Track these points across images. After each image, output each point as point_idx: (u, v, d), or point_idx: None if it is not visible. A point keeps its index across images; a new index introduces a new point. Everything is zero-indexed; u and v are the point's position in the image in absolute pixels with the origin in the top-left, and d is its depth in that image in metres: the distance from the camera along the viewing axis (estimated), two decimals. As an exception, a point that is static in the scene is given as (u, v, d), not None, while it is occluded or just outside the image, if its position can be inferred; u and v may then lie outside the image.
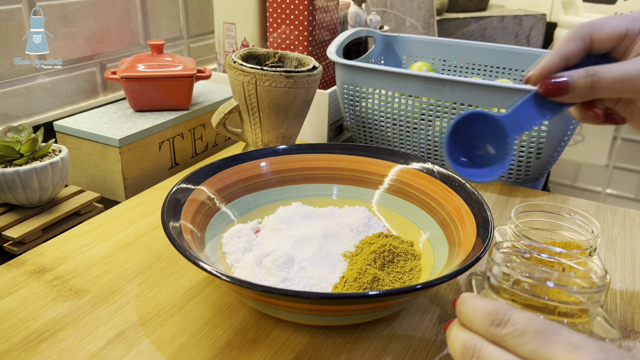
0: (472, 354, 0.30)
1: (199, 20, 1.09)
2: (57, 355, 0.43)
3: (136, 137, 0.72)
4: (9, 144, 0.60)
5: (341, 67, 0.81)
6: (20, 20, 0.76)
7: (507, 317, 0.30)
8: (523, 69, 0.88)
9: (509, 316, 0.30)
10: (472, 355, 0.30)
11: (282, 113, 0.69)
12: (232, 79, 0.69)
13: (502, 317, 0.30)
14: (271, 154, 0.64)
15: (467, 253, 0.46)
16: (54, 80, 0.83)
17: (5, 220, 0.61)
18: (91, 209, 0.67)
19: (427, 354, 0.44)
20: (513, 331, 0.29)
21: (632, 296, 0.52)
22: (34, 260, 0.55)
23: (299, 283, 0.49)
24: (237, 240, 0.55)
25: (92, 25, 0.87)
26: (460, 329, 0.32)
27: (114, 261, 0.55)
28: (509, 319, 0.30)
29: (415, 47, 0.97)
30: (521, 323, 0.29)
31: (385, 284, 0.48)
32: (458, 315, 0.33)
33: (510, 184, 0.76)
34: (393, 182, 0.62)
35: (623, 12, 1.77)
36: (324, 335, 0.46)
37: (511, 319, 0.30)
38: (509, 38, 1.86)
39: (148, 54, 0.81)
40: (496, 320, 0.30)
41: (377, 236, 0.56)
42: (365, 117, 0.82)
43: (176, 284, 0.52)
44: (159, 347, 0.44)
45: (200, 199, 0.55)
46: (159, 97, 0.79)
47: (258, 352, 0.44)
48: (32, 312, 0.47)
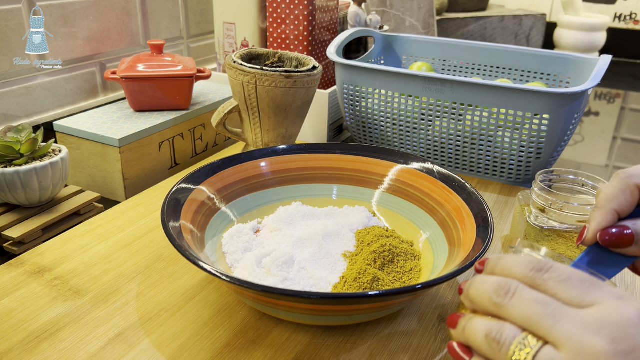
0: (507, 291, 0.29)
1: (199, 20, 1.09)
2: (57, 355, 0.43)
3: (136, 137, 0.72)
4: (9, 144, 0.60)
5: (341, 67, 0.81)
6: (20, 20, 0.76)
7: (550, 265, 0.29)
8: (523, 69, 0.88)
9: (551, 264, 0.29)
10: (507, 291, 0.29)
11: (282, 113, 0.69)
12: (232, 79, 0.69)
13: (544, 265, 0.29)
14: (271, 154, 0.64)
15: (467, 253, 0.46)
16: (54, 80, 0.83)
17: (5, 220, 0.61)
18: (91, 209, 0.67)
19: (427, 354, 0.44)
20: (557, 276, 0.28)
21: (632, 296, 0.52)
22: (34, 260, 0.55)
23: (299, 283, 0.49)
24: (237, 240, 0.55)
25: (92, 25, 0.87)
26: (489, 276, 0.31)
27: (114, 261, 0.55)
28: (552, 266, 0.29)
29: (415, 47, 0.97)
30: (565, 270, 0.29)
31: (385, 284, 0.48)
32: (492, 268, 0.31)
33: (510, 184, 0.76)
34: (393, 182, 0.62)
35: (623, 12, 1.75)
36: (324, 335, 0.46)
37: (554, 266, 0.29)
38: (509, 38, 1.86)
39: (148, 54, 0.81)
40: (537, 267, 0.29)
41: (377, 236, 0.56)
42: (365, 117, 0.82)
43: (176, 284, 0.52)
44: (159, 347, 0.44)
45: (200, 199, 0.55)
46: (159, 97, 0.79)
47: (258, 352, 0.44)
48: (32, 312, 0.47)
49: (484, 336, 0.29)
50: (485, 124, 0.73)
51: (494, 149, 0.74)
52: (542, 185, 0.54)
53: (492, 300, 0.29)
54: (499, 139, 0.73)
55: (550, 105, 0.68)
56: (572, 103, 0.68)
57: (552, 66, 0.86)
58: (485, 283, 0.30)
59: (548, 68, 0.86)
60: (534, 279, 0.29)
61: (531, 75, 0.88)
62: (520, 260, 0.30)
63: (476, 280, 0.31)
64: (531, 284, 0.29)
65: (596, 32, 1.86)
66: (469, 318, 0.31)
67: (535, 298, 0.28)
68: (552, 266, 0.29)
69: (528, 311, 0.28)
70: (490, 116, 0.72)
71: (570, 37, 1.89)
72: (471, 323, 0.30)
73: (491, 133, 0.73)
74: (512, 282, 0.29)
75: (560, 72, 0.85)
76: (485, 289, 0.30)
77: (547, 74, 0.87)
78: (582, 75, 0.82)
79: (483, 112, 0.72)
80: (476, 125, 0.73)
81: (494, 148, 0.74)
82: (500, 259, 0.31)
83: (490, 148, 0.74)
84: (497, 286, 0.29)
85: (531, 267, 0.29)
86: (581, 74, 0.82)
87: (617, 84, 1.67)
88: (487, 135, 0.73)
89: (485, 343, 0.29)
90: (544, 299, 0.28)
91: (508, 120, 0.71)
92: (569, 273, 0.28)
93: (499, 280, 0.30)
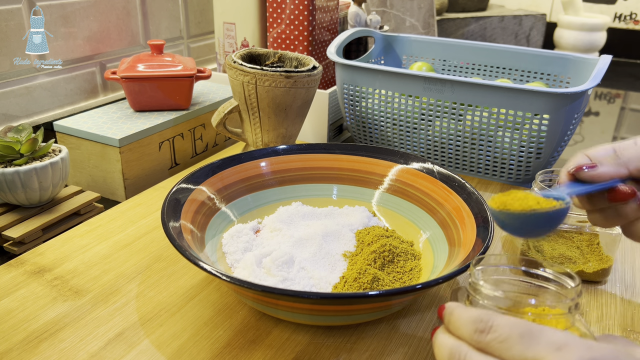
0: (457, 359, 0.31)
1: (199, 20, 1.09)
2: (57, 355, 0.43)
3: (136, 137, 0.72)
4: (9, 144, 0.60)
5: (341, 67, 0.81)
6: (20, 20, 0.76)
7: (491, 323, 0.30)
8: (523, 69, 0.88)
9: (492, 322, 0.31)
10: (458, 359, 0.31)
11: (282, 113, 0.69)
12: (232, 79, 0.69)
13: (486, 323, 0.31)
14: (271, 154, 0.64)
15: (467, 253, 0.46)
16: (54, 80, 0.83)
17: (5, 220, 0.61)
18: (91, 209, 0.67)
19: (427, 354, 0.44)
20: (497, 337, 0.30)
21: (632, 296, 0.52)
22: (34, 260, 0.55)
23: (299, 283, 0.49)
24: (237, 240, 0.55)
25: (92, 25, 0.87)
26: (446, 336, 0.33)
27: (114, 261, 0.55)
28: (492, 324, 0.30)
29: (415, 47, 0.97)
30: (505, 328, 0.30)
31: (385, 284, 0.48)
32: (445, 323, 0.34)
33: (510, 184, 0.76)
34: (393, 182, 0.62)
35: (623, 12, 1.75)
36: (324, 335, 0.46)
37: (494, 324, 0.30)
38: (509, 38, 1.86)
39: (148, 54, 0.81)
40: (480, 327, 0.31)
41: (377, 236, 0.56)
42: (365, 117, 0.82)
43: (176, 284, 0.52)
44: (159, 347, 0.44)
45: (200, 199, 0.55)
46: (159, 97, 0.79)
47: (258, 352, 0.44)
48: (32, 312, 0.47)
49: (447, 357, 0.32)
50: (485, 124, 0.73)
51: (494, 149, 0.74)
52: (542, 185, 0.54)
53: None
54: (499, 139, 0.73)
55: (550, 105, 0.68)
56: (572, 103, 0.68)
57: (552, 66, 0.86)
58: (442, 348, 0.33)
59: (548, 68, 0.86)
60: (479, 342, 0.31)
61: (531, 75, 0.88)
62: (466, 319, 0.32)
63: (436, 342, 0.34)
64: (478, 347, 0.31)
65: (596, 32, 1.86)
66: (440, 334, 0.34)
67: None
68: (492, 325, 0.30)
69: None
70: (490, 116, 0.72)
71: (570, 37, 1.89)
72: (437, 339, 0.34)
73: (491, 133, 0.73)
74: (461, 350, 0.31)
75: (560, 72, 0.85)
76: (441, 355, 0.33)
77: (547, 74, 0.87)
78: (582, 75, 0.82)
79: (483, 112, 0.72)
80: (476, 125, 0.73)
81: (494, 148, 0.74)
82: (452, 314, 0.33)
83: (490, 148, 0.74)
84: (449, 354, 0.32)
85: (475, 329, 0.31)
86: (581, 74, 0.82)
87: (617, 84, 1.67)
88: (487, 135, 0.73)
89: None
90: None
91: (508, 120, 0.71)
92: (508, 331, 0.30)
93: (451, 346, 0.32)
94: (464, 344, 0.32)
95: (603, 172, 0.42)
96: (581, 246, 0.53)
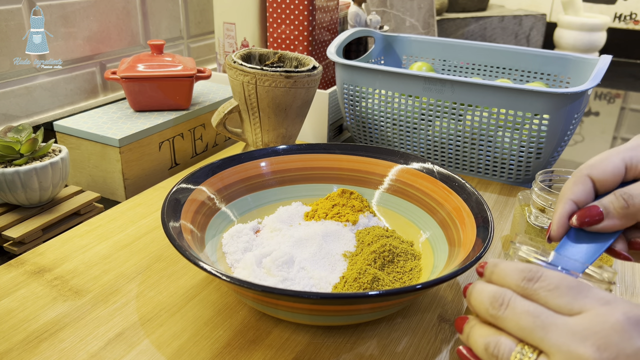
0: (501, 302, 0.31)
1: (199, 20, 1.09)
2: (57, 355, 0.43)
3: (136, 137, 0.72)
4: (9, 144, 0.60)
5: (341, 67, 0.81)
6: (20, 20, 0.76)
7: (540, 274, 0.31)
8: (523, 69, 0.88)
9: (541, 273, 0.31)
10: (501, 303, 0.31)
11: (282, 113, 0.69)
12: (232, 79, 0.69)
13: (535, 273, 0.31)
14: (271, 154, 0.64)
15: (467, 253, 0.46)
16: (54, 80, 0.83)
17: (5, 220, 0.61)
18: (91, 209, 0.67)
19: (427, 354, 0.44)
20: (546, 285, 0.30)
21: (632, 296, 0.52)
22: (34, 260, 0.55)
23: (299, 283, 0.49)
24: (237, 240, 0.55)
25: (92, 25, 0.87)
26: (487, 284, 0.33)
27: (114, 261, 0.55)
28: (542, 275, 0.31)
29: (415, 47, 0.97)
30: (554, 279, 0.30)
31: (385, 284, 0.48)
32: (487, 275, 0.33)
33: (510, 184, 0.76)
34: (393, 182, 0.62)
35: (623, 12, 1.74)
36: (324, 335, 0.46)
37: (544, 275, 0.31)
38: (509, 38, 1.86)
39: (148, 54, 0.81)
40: (528, 276, 0.31)
41: (377, 236, 0.56)
42: (365, 117, 0.82)
43: (176, 284, 0.52)
44: (159, 347, 0.44)
45: (200, 199, 0.55)
46: (159, 97, 0.79)
47: (258, 352, 0.44)
48: (32, 312, 0.47)
49: (483, 349, 0.31)
50: (485, 124, 0.73)
51: (494, 149, 0.74)
52: (542, 185, 0.54)
53: (489, 312, 0.31)
54: (499, 139, 0.73)
55: (550, 105, 0.68)
56: (572, 103, 0.68)
57: (552, 66, 0.86)
58: (482, 293, 0.32)
59: (548, 68, 0.86)
60: (526, 288, 0.31)
61: (531, 75, 0.88)
62: (513, 269, 0.32)
63: (475, 289, 0.33)
64: (524, 293, 0.31)
65: (596, 32, 1.86)
66: (472, 325, 0.33)
67: (526, 310, 0.30)
68: (542, 275, 0.31)
69: (520, 323, 0.30)
70: (490, 116, 0.72)
71: (570, 37, 1.89)
72: (473, 332, 0.32)
73: (491, 133, 0.73)
74: (505, 293, 0.31)
75: (560, 72, 0.85)
76: (482, 299, 0.32)
77: (547, 74, 0.87)
78: (582, 75, 0.82)
79: (483, 112, 0.72)
80: (476, 125, 0.73)
81: (494, 148, 0.74)
82: (496, 266, 0.33)
83: (490, 148, 0.74)
84: (492, 297, 0.31)
85: (522, 277, 0.31)
86: (581, 74, 0.82)
87: (617, 84, 1.66)
88: (487, 135, 0.73)
89: (485, 355, 0.31)
90: (534, 309, 0.30)
91: (508, 120, 0.71)
92: (557, 281, 0.30)
93: (494, 290, 0.32)
94: (509, 290, 0.31)
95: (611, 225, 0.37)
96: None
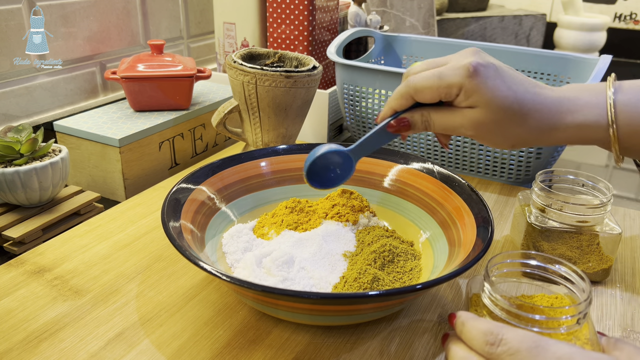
0: None
1: (199, 20, 1.09)
2: (57, 355, 0.43)
3: (136, 137, 0.72)
4: (9, 144, 0.60)
5: (341, 67, 0.81)
6: (20, 20, 0.76)
7: (501, 337, 0.32)
8: (523, 69, 0.88)
9: (502, 335, 0.32)
10: None
11: (282, 113, 0.69)
12: (232, 79, 0.69)
13: (496, 336, 0.32)
14: (271, 154, 0.64)
15: (467, 253, 0.46)
16: (54, 80, 0.83)
17: (5, 220, 0.61)
18: (91, 209, 0.67)
19: (427, 354, 0.44)
20: (507, 349, 0.32)
21: (632, 296, 0.52)
22: (34, 260, 0.55)
23: (299, 283, 0.49)
24: (237, 240, 0.55)
25: (92, 25, 0.87)
26: (458, 346, 0.35)
27: (114, 261, 0.55)
28: (502, 337, 0.32)
29: (415, 47, 0.97)
30: (514, 342, 0.32)
31: (385, 284, 0.48)
32: (457, 332, 0.35)
33: (510, 184, 0.76)
34: (393, 182, 0.62)
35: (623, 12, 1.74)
36: (324, 335, 0.46)
37: (504, 337, 0.32)
38: (509, 38, 1.86)
39: (148, 54, 0.81)
40: (490, 340, 0.33)
41: (377, 236, 0.56)
42: (365, 117, 0.82)
43: (176, 284, 0.52)
44: (159, 347, 0.44)
45: (200, 198, 0.55)
46: (159, 97, 0.79)
47: (258, 352, 0.44)
48: (32, 312, 0.47)
49: None
50: (485, 124, 0.72)
51: (494, 149, 0.74)
52: (542, 185, 0.54)
53: None
54: (499, 139, 0.73)
55: (550, 105, 0.67)
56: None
57: (552, 66, 0.86)
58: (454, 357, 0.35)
59: (548, 68, 0.86)
60: (490, 354, 0.32)
61: (531, 75, 0.88)
62: (477, 331, 0.34)
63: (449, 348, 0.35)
64: (488, 358, 0.33)
65: (596, 32, 1.86)
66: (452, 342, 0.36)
67: None
68: (502, 339, 0.32)
69: None
70: (490, 116, 0.72)
71: (570, 37, 1.89)
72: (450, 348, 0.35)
73: (491, 133, 0.73)
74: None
75: (560, 72, 0.85)
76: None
77: (547, 74, 0.87)
78: (582, 75, 0.82)
79: (483, 112, 0.72)
80: (476, 125, 0.73)
81: (494, 148, 0.74)
82: (464, 325, 0.35)
83: (490, 148, 0.74)
84: None
85: (485, 341, 0.33)
86: (581, 74, 0.82)
87: (617, 84, 1.66)
88: (487, 135, 0.73)
89: None
90: None
91: (508, 120, 0.71)
92: (517, 345, 0.32)
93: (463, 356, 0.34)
94: (475, 355, 0.33)
95: None
96: (581, 246, 0.53)
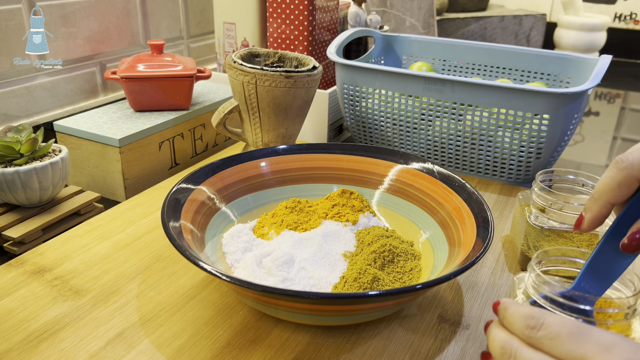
0: (509, 354, 0.32)
1: (199, 20, 1.09)
2: (57, 355, 0.43)
3: (136, 137, 0.72)
4: (9, 144, 0.60)
5: (341, 67, 0.81)
6: (20, 20, 0.76)
7: (542, 321, 0.32)
8: (523, 69, 0.88)
9: (543, 319, 0.32)
10: (509, 355, 0.33)
11: (282, 113, 0.69)
12: (232, 79, 0.69)
13: (537, 320, 0.32)
14: (271, 154, 0.64)
15: (467, 253, 0.46)
16: (54, 80, 0.83)
17: (5, 220, 0.61)
18: (91, 209, 0.67)
19: (427, 354, 0.44)
20: (548, 334, 0.31)
21: None
22: (34, 260, 0.55)
23: (299, 283, 0.49)
24: (237, 240, 0.55)
25: (92, 25, 0.87)
26: (499, 329, 0.34)
27: (114, 261, 0.55)
28: (543, 322, 0.32)
29: (415, 47, 0.97)
30: (555, 326, 0.31)
31: (385, 284, 0.48)
32: (500, 318, 0.35)
33: (510, 184, 0.76)
34: (393, 182, 0.62)
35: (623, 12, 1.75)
36: (324, 335, 0.46)
37: (545, 322, 0.32)
38: (509, 38, 1.86)
39: (148, 54, 0.81)
40: (531, 324, 0.32)
41: (377, 236, 0.56)
42: (365, 117, 0.82)
43: (176, 284, 0.52)
44: (159, 347, 0.44)
45: (200, 198, 0.55)
46: (159, 97, 0.79)
47: (258, 352, 0.44)
48: (32, 312, 0.47)
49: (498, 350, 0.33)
50: (485, 124, 0.73)
51: (494, 149, 0.74)
52: (542, 185, 0.54)
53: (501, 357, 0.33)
54: (499, 139, 0.73)
55: (550, 105, 0.68)
56: (572, 103, 0.68)
57: (552, 66, 0.86)
58: (495, 341, 0.34)
59: (548, 68, 0.86)
60: (530, 337, 0.32)
61: (531, 75, 0.88)
62: (518, 316, 0.33)
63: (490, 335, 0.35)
64: (529, 342, 0.32)
65: (596, 32, 1.86)
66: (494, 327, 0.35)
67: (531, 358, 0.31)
68: (544, 322, 0.32)
69: None
70: (490, 116, 0.72)
71: (570, 37, 1.89)
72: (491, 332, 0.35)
73: (491, 133, 0.73)
74: (512, 344, 0.33)
75: (560, 72, 0.85)
76: (495, 348, 0.34)
77: (547, 74, 0.87)
78: (582, 75, 0.82)
79: (483, 112, 0.72)
80: (476, 125, 0.73)
81: (494, 148, 0.74)
82: (506, 310, 0.35)
83: (490, 148, 0.74)
84: (501, 348, 0.33)
85: (526, 325, 0.32)
86: (581, 74, 0.82)
87: (617, 84, 1.66)
88: (487, 135, 0.73)
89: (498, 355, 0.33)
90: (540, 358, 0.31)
91: (508, 120, 0.71)
92: (558, 329, 0.31)
93: (503, 340, 0.34)
94: (516, 338, 0.33)
95: None
96: (581, 246, 0.53)
